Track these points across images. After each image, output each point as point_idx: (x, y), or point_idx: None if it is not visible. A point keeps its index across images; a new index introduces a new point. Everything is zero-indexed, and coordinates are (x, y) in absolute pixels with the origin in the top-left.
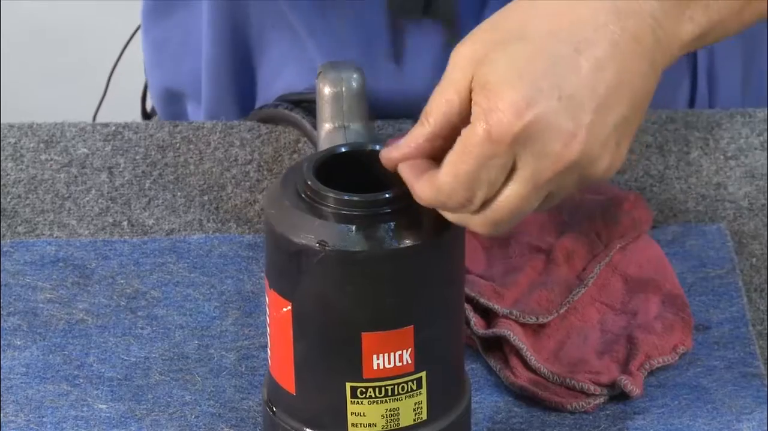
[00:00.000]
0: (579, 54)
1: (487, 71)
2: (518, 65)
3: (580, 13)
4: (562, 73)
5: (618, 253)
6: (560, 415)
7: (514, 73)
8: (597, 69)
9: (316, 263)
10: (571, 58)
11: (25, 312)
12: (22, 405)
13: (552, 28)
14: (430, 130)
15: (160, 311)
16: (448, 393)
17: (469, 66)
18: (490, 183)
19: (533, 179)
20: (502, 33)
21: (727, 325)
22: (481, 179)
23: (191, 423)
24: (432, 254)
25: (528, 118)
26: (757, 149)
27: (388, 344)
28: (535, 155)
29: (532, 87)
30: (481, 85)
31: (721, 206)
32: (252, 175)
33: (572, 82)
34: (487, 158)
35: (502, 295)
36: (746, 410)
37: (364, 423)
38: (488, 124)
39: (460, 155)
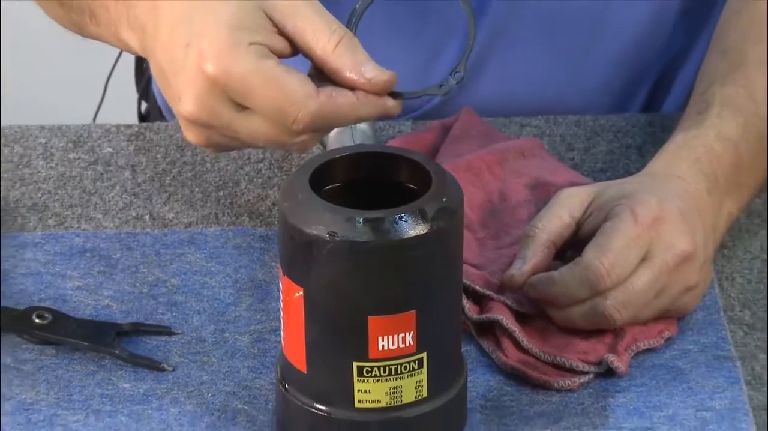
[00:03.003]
0: None
1: (619, 189)
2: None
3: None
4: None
5: None
6: (547, 393)
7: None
8: None
9: (326, 252)
10: None
11: (55, 298)
12: (53, 384)
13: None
14: (546, 237)
15: (180, 297)
16: (447, 373)
17: (587, 195)
18: (629, 262)
19: (659, 266)
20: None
21: (701, 312)
22: (623, 255)
23: (208, 401)
24: (433, 245)
25: (662, 213)
26: None
27: (392, 327)
28: (664, 245)
29: (660, 197)
30: (620, 195)
31: None
32: (264, 172)
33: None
34: (631, 237)
35: (494, 284)
36: (718, 389)
37: (369, 400)
38: (634, 212)
39: (608, 236)
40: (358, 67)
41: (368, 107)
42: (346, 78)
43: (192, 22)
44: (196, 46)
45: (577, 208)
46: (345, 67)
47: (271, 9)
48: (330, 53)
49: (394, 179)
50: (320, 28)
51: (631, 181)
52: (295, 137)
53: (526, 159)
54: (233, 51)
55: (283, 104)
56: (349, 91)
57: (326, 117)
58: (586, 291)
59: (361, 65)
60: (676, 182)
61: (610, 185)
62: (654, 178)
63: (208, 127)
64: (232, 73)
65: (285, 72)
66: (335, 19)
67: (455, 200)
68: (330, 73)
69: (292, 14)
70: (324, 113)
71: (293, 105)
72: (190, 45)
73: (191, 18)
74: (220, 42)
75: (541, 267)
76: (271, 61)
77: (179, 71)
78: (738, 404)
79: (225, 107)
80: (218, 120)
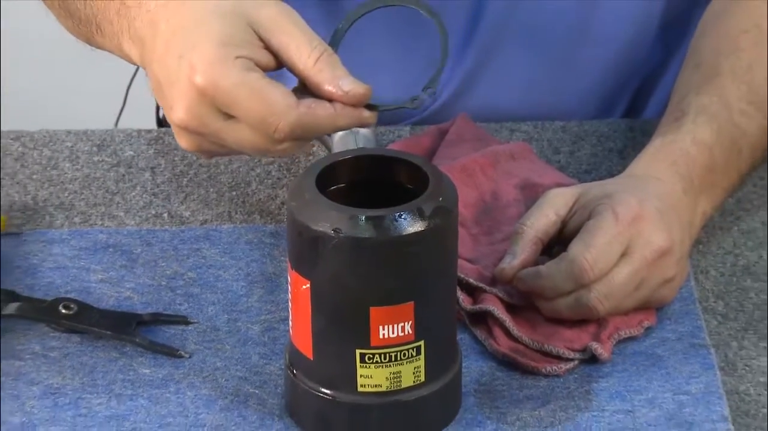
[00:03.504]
0: None
1: (601, 189)
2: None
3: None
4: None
5: None
6: (536, 378)
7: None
8: None
9: (331, 247)
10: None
11: (80, 290)
12: (78, 370)
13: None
14: (533, 234)
15: (195, 289)
16: (443, 359)
17: (571, 195)
18: (610, 257)
19: (639, 260)
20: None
21: (678, 303)
22: (605, 251)
23: (222, 385)
24: (430, 242)
25: (642, 212)
26: None
27: (392, 317)
28: (643, 241)
29: (640, 197)
30: (602, 195)
31: None
32: (273, 174)
33: (668, 206)
34: (613, 234)
35: (486, 277)
36: (694, 374)
37: (371, 384)
38: (615, 211)
39: (592, 233)
40: (336, 81)
41: (345, 118)
42: (325, 91)
43: (185, 37)
44: (188, 59)
45: (563, 207)
46: (324, 81)
47: (258, 25)
48: (311, 68)
49: (393, 180)
50: (302, 44)
51: (612, 182)
52: (277, 144)
53: (517, 161)
54: (221, 64)
55: (265, 114)
56: (328, 103)
57: (305, 127)
58: (571, 284)
59: (339, 79)
60: (655, 182)
61: (593, 185)
62: (634, 179)
63: (197, 134)
64: (219, 85)
65: (268, 84)
66: (317, 35)
67: (450, 199)
68: (311, 87)
69: (277, 30)
70: (303, 123)
71: (275, 115)
72: (182, 58)
73: (185, 33)
74: (209, 56)
75: (529, 262)
76: (256, 74)
77: (173, 82)
78: (712, 388)
79: (213, 116)
80: (207, 128)
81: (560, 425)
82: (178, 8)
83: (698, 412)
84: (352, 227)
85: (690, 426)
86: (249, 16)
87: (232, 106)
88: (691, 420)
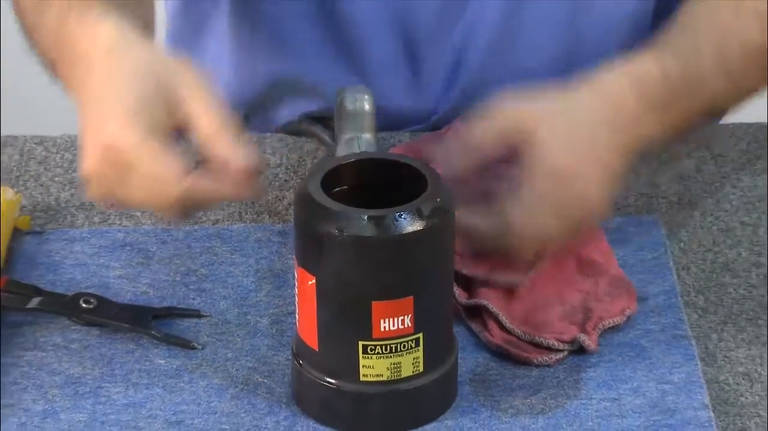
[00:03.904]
0: None
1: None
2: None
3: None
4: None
5: None
6: (528, 368)
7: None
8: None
9: (335, 245)
10: None
11: (99, 286)
12: (97, 360)
13: None
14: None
15: (208, 285)
16: (440, 350)
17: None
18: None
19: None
20: None
21: (661, 296)
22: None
23: (232, 375)
24: (429, 240)
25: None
26: (684, 156)
27: (393, 311)
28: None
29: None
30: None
31: (656, 202)
32: (281, 176)
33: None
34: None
35: (477, 265)
36: (677, 364)
37: (373, 374)
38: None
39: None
40: (229, 153)
41: (233, 192)
42: (219, 162)
43: (103, 96)
44: (100, 117)
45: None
46: (218, 154)
47: (170, 90)
48: (209, 138)
49: (394, 182)
50: (205, 114)
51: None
52: (166, 209)
53: None
54: (125, 127)
55: (154, 183)
56: (215, 177)
57: (190, 199)
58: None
59: (232, 152)
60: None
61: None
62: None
63: (99, 185)
64: (120, 147)
65: (163, 154)
66: (223, 106)
67: (448, 200)
68: (208, 155)
69: (187, 97)
70: (188, 196)
71: (163, 185)
72: (96, 115)
73: (103, 92)
74: (117, 118)
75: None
76: (155, 142)
77: (86, 135)
78: (693, 378)
79: (113, 173)
80: (106, 182)
81: (551, 412)
82: (108, 67)
83: (680, 400)
84: (355, 226)
85: (673, 413)
86: (163, 81)
87: (128, 167)
88: (673, 408)
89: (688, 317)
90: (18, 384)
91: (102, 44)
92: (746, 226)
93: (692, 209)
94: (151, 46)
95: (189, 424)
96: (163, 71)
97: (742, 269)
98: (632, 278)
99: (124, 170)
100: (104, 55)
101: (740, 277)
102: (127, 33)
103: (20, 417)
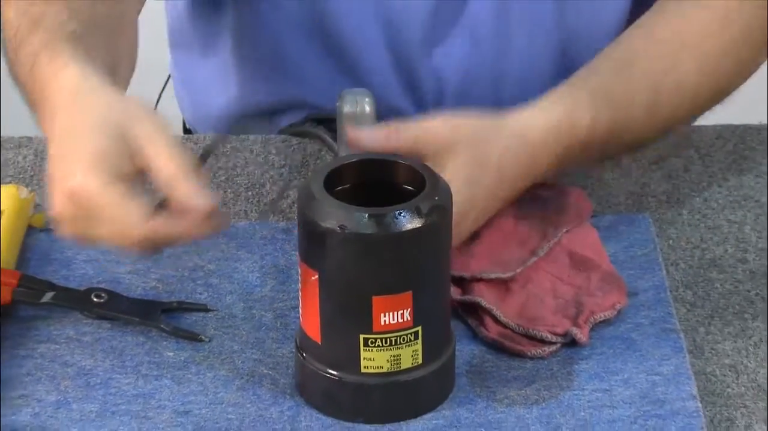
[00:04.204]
0: None
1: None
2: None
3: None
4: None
5: (565, 235)
6: (522, 360)
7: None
8: None
9: (337, 242)
10: None
11: (110, 281)
12: (108, 353)
13: None
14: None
15: (214, 280)
16: (438, 343)
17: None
18: None
19: None
20: None
21: (651, 291)
22: None
23: (238, 367)
24: (427, 236)
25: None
26: (672, 156)
27: (393, 305)
28: None
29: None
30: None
31: (646, 200)
32: (285, 176)
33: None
34: None
35: (468, 265)
36: (666, 357)
37: (373, 366)
38: None
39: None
40: (188, 196)
41: (194, 231)
42: (179, 204)
43: (69, 143)
44: (66, 163)
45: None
46: (177, 197)
47: (132, 138)
48: (167, 182)
49: (394, 181)
50: (166, 160)
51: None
52: (132, 248)
53: None
54: (89, 174)
55: (118, 226)
56: (178, 219)
57: (154, 240)
58: None
59: (191, 195)
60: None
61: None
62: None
63: (68, 226)
64: (83, 193)
65: (125, 198)
66: (182, 152)
67: (445, 198)
68: (170, 198)
69: (148, 144)
70: (151, 238)
71: (127, 227)
72: (62, 161)
73: (69, 139)
74: (82, 165)
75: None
76: (118, 187)
77: (53, 179)
78: (682, 369)
79: (79, 216)
80: (74, 224)
81: (544, 402)
82: (71, 113)
83: (669, 391)
84: (357, 223)
85: (662, 403)
86: (126, 129)
87: (94, 211)
88: (663, 399)
89: (676, 311)
90: (32, 375)
91: (67, 89)
92: (732, 224)
93: (680, 207)
94: (113, 92)
95: (196, 414)
96: (123, 118)
97: (729, 265)
98: (623, 274)
99: (89, 214)
100: (68, 100)
101: (727, 273)
102: (91, 78)
103: (34, 407)
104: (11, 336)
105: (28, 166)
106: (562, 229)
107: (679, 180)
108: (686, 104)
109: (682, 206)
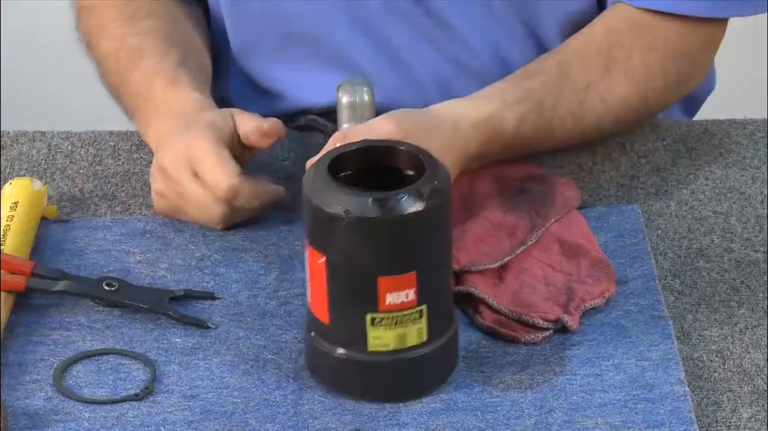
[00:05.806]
0: None
1: None
2: None
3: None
4: None
5: (554, 224)
6: (517, 346)
7: None
8: None
9: (343, 226)
10: None
11: (121, 270)
12: (118, 339)
13: None
14: None
15: (221, 269)
16: (442, 321)
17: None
18: None
19: None
20: None
21: (640, 280)
22: None
23: (243, 352)
24: (429, 218)
25: None
26: (661, 150)
27: (398, 285)
28: None
29: None
30: None
31: (635, 192)
32: (288, 169)
33: None
34: None
35: (458, 259)
36: (654, 343)
37: (380, 344)
38: None
39: None
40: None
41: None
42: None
43: (187, 121)
44: (185, 136)
45: None
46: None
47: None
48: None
49: (395, 166)
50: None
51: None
52: (220, 204)
53: None
54: (203, 137)
55: (218, 173)
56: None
57: (239, 191)
58: None
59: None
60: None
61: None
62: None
63: (167, 179)
64: (196, 148)
65: (229, 158)
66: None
67: (445, 182)
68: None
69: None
70: (237, 188)
71: (224, 175)
72: (181, 135)
73: (186, 119)
74: (197, 133)
75: None
76: (225, 150)
77: (167, 144)
78: (670, 355)
79: (184, 170)
80: (177, 175)
81: (538, 387)
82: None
83: (658, 376)
84: (361, 208)
85: (651, 388)
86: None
87: (198, 162)
88: (652, 383)
89: (665, 299)
90: (45, 360)
91: (188, 107)
92: (718, 215)
93: (669, 198)
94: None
95: (203, 398)
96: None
97: (715, 254)
98: (613, 263)
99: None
100: (190, 110)
101: (713, 262)
102: (205, 102)
103: (47, 392)
104: (25, 323)
105: (42, 159)
106: (550, 219)
107: (667, 173)
108: (611, 116)
109: (670, 197)
